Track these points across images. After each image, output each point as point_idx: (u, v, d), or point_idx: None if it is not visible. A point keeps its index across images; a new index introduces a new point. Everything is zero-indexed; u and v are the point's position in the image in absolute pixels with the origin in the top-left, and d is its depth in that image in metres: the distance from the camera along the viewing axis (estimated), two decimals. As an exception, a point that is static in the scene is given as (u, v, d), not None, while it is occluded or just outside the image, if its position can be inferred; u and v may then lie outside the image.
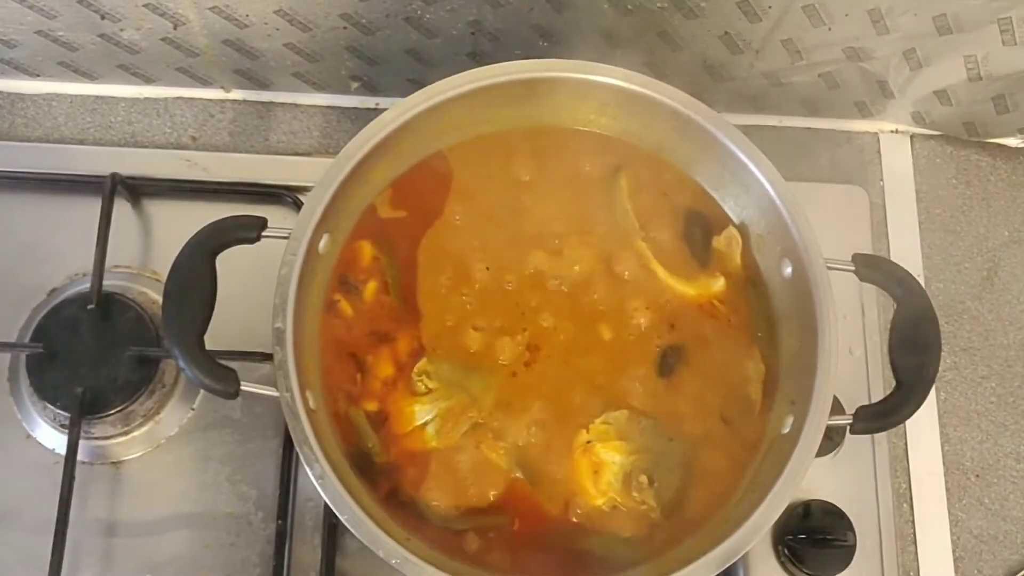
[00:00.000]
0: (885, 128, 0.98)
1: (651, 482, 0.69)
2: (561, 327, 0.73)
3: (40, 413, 0.80)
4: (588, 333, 0.73)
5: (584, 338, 0.73)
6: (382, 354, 0.71)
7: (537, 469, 0.69)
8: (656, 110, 0.73)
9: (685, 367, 0.72)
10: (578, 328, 0.73)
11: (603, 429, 0.70)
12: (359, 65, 0.89)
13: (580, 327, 0.73)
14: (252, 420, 0.82)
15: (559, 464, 0.69)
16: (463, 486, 0.69)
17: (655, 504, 0.69)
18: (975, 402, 0.90)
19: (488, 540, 0.67)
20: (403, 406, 0.70)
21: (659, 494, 0.69)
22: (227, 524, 0.80)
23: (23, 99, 0.92)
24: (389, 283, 0.73)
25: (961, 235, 0.95)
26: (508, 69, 0.73)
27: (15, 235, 0.86)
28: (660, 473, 0.69)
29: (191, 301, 0.64)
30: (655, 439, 0.70)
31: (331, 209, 0.69)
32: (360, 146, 0.69)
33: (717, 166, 0.74)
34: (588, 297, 0.74)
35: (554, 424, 0.70)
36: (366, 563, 0.79)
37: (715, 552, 0.62)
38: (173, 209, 0.88)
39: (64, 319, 0.81)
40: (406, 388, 0.71)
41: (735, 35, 0.85)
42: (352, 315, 0.72)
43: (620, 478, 0.69)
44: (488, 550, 0.67)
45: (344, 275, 0.73)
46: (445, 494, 0.68)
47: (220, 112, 0.93)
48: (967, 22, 0.81)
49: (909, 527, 0.85)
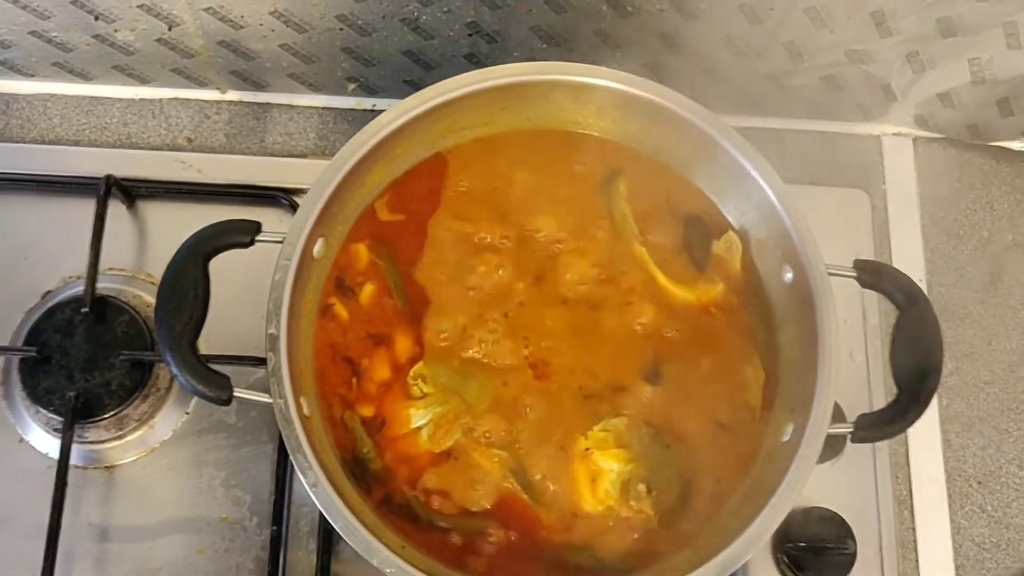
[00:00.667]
0: (888, 131, 0.97)
1: (649, 491, 0.68)
2: (558, 333, 0.72)
3: (33, 417, 0.80)
4: (586, 339, 0.72)
5: (582, 344, 0.72)
6: (378, 357, 0.71)
7: (532, 478, 0.68)
8: (655, 113, 0.73)
9: (684, 373, 0.72)
10: (575, 334, 0.72)
11: (601, 436, 0.70)
12: (355, 66, 0.89)
13: (577, 333, 0.72)
14: (247, 425, 0.82)
15: (556, 472, 0.69)
16: (458, 493, 0.68)
17: (653, 513, 0.68)
18: (977, 408, 0.89)
19: (482, 548, 0.67)
20: (398, 409, 0.70)
21: (657, 503, 0.68)
22: (221, 529, 0.79)
23: (17, 100, 0.92)
24: (391, 286, 0.73)
25: (964, 239, 0.94)
26: (506, 72, 0.72)
27: (9, 237, 0.86)
28: (658, 482, 0.69)
29: (184, 306, 0.63)
30: (654, 447, 0.70)
31: (326, 213, 0.68)
32: (355, 150, 0.69)
33: (717, 170, 0.74)
34: (586, 303, 0.73)
35: (552, 431, 0.70)
36: (361, 569, 0.78)
37: (715, 561, 0.62)
38: (168, 211, 0.87)
39: (58, 322, 0.81)
40: (401, 392, 0.70)
41: (736, 37, 0.84)
42: (348, 318, 0.72)
43: (618, 486, 0.68)
44: (482, 557, 0.67)
45: (340, 278, 0.73)
46: (440, 501, 0.68)
47: (216, 113, 0.93)
48: (971, 25, 0.80)
49: (910, 534, 0.84)
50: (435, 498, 0.68)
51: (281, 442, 0.80)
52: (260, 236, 0.66)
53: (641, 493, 0.68)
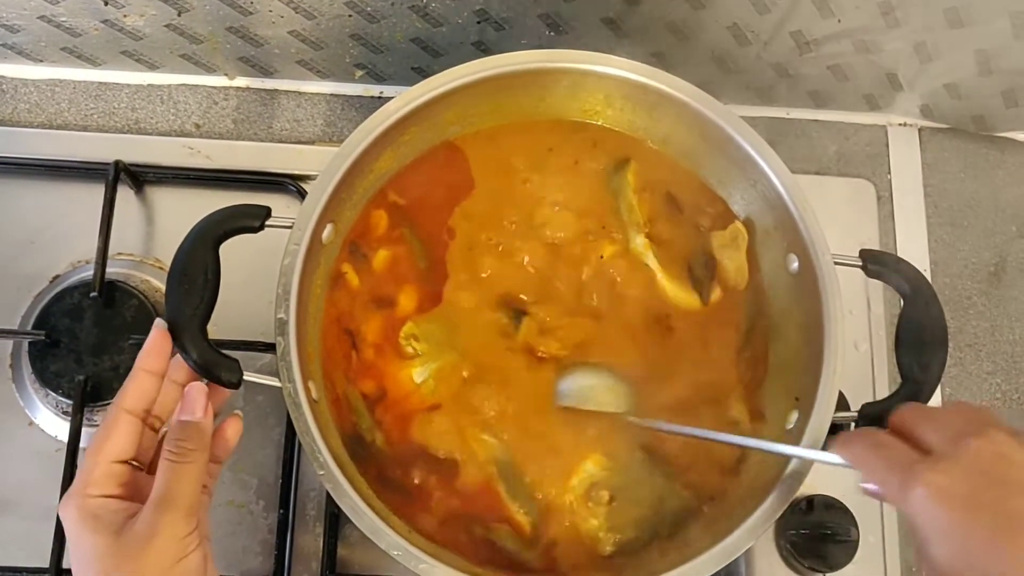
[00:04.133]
0: (894, 121, 0.97)
1: (610, 500, 0.69)
2: (558, 322, 0.73)
3: (42, 400, 0.80)
4: (586, 330, 0.73)
5: (583, 335, 0.73)
6: (375, 320, 0.72)
7: (517, 471, 0.69)
8: (663, 102, 0.73)
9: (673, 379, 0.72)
10: (575, 324, 0.73)
11: (595, 436, 0.70)
12: (364, 53, 0.89)
13: (577, 323, 0.73)
14: (254, 409, 0.82)
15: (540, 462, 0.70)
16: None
17: (603, 524, 0.68)
18: (980, 398, 0.89)
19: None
20: (396, 371, 0.71)
21: (611, 516, 0.68)
22: (228, 513, 0.80)
23: (26, 85, 0.92)
24: (413, 246, 0.74)
25: (969, 229, 0.95)
26: (514, 60, 0.72)
27: (18, 222, 0.86)
28: (624, 497, 0.69)
29: (194, 290, 0.63)
30: (639, 468, 0.70)
31: (335, 199, 0.68)
32: (364, 136, 0.69)
33: (724, 159, 0.74)
34: (588, 292, 0.74)
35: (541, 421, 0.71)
36: (367, 552, 0.79)
37: (718, 548, 0.62)
38: (176, 197, 0.88)
39: (67, 306, 0.81)
40: (395, 353, 0.71)
41: (743, 26, 0.84)
42: (357, 285, 0.72)
43: (585, 484, 0.69)
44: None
45: (355, 243, 0.73)
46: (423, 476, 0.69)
47: (224, 99, 0.93)
48: (978, 15, 0.80)
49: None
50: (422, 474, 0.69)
51: (288, 426, 0.81)
52: (270, 221, 0.66)
53: (602, 499, 0.68)
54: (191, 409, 0.60)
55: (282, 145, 0.91)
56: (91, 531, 0.55)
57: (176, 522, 0.56)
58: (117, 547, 0.55)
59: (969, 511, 0.50)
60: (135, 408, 0.60)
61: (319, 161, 0.70)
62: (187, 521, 0.56)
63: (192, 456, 0.58)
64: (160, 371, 0.61)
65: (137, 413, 0.60)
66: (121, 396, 0.60)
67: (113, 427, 0.59)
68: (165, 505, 0.56)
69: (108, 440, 0.58)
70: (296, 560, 0.79)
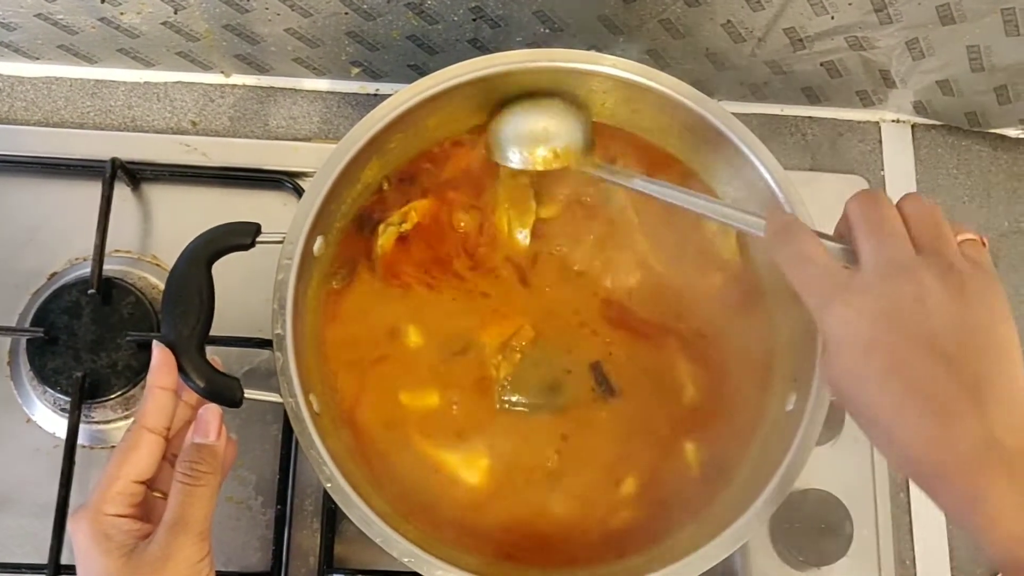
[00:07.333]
0: (887, 117, 0.98)
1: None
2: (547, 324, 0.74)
3: (40, 397, 0.81)
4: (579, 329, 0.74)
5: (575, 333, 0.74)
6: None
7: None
8: (655, 100, 0.73)
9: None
10: (568, 324, 0.74)
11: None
12: (360, 51, 0.89)
13: (568, 322, 0.74)
14: (252, 405, 0.80)
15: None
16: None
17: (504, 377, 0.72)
18: (973, 392, 0.90)
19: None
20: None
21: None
22: (226, 509, 0.80)
23: (22, 82, 0.92)
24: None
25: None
26: (509, 59, 0.72)
27: (14, 219, 0.86)
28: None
29: (190, 310, 0.63)
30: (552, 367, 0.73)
31: (324, 211, 0.69)
32: (350, 145, 0.69)
33: (716, 156, 0.74)
34: (583, 289, 0.75)
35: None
36: (364, 548, 0.80)
37: (714, 543, 0.63)
38: (173, 194, 0.88)
39: (64, 304, 0.81)
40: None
41: (737, 23, 0.84)
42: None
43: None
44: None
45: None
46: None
47: (220, 97, 0.93)
48: (970, 12, 0.81)
49: (906, 516, 0.85)
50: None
51: (286, 423, 0.81)
52: (261, 237, 0.66)
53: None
54: (205, 431, 0.60)
55: (278, 142, 0.91)
56: (103, 552, 0.55)
57: (190, 545, 0.56)
58: (128, 570, 0.55)
59: (867, 353, 0.51)
60: (156, 426, 0.60)
61: (316, 158, 0.70)
62: (201, 545, 0.56)
63: (206, 479, 0.58)
64: (172, 386, 0.61)
65: (159, 431, 0.60)
66: (141, 415, 0.60)
67: (135, 446, 0.58)
68: (179, 528, 0.56)
69: (129, 459, 0.58)
70: (294, 555, 0.79)
